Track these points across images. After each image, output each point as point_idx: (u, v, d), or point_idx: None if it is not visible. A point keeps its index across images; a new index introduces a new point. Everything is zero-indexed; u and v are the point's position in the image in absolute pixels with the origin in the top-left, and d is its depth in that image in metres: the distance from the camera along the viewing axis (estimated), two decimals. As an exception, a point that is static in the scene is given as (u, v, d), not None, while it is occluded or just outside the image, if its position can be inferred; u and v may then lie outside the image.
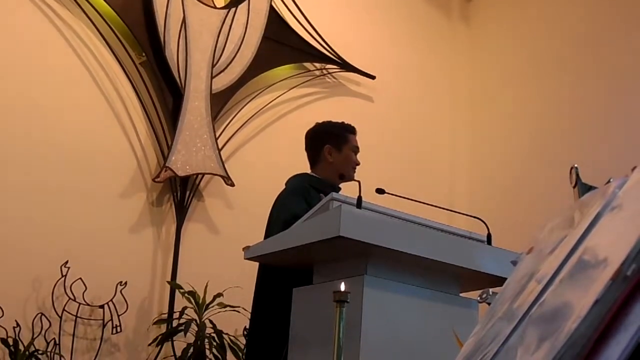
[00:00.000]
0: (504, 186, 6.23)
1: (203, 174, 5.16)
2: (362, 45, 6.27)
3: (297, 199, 3.59)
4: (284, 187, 3.79)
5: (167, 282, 4.90)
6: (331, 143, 3.82)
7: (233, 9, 5.48)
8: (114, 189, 4.94)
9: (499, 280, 3.14)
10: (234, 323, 4.80)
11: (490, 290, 2.56)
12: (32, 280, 4.54)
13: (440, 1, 6.95)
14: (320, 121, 3.98)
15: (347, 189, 3.66)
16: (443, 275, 3.22)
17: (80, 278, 4.59)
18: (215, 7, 5.44)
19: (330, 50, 5.94)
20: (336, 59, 5.98)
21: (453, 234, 3.32)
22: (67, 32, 4.94)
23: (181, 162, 5.00)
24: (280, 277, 3.39)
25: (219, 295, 4.70)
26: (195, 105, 5.14)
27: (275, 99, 5.68)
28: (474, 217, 3.50)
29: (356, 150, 3.85)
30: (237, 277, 4.55)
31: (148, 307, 4.92)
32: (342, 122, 3.93)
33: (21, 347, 4.23)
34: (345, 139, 3.84)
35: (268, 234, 3.54)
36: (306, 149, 3.90)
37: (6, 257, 4.45)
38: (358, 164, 3.84)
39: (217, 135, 5.20)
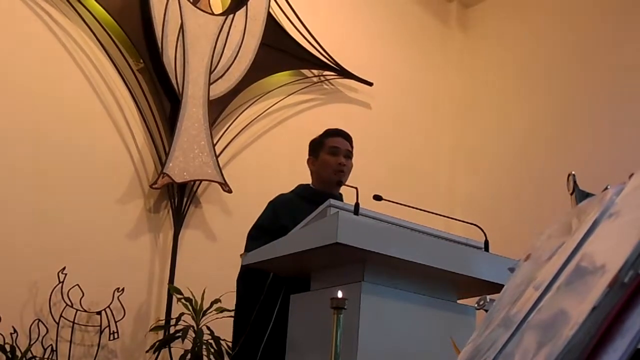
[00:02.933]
0: (501, 193, 6.24)
1: (200, 181, 5.16)
2: (360, 52, 6.28)
3: (264, 213, 3.70)
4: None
5: (168, 284, 4.89)
6: (311, 154, 3.84)
7: (231, 16, 5.49)
8: (112, 195, 4.94)
9: (497, 287, 3.14)
10: (232, 329, 4.79)
11: (488, 297, 2.56)
12: (29, 286, 4.53)
13: (438, 9, 6.97)
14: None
15: (346, 196, 3.67)
16: (440, 282, 3.22)
17: (78, 284, 4.58)
18: (213, 14, 5.45)
19: (328, 57, 5.95)
20: (334, 66, 5.99)
21: (450, 241, 3.32)
22: (64, 38, 4.95)
23: (179, 169, 5.00)
24: (277, 284, 3.39)
25: (217, 301, 4.69)
26: (193, 111, 5.15)
27: (272, 106, 5.68)
28: (472, 224, 3.50)
29: (334, 151, 3.75)
30: (234, 284, 4.53)
31: (145, 313, 4.92)
32: (325, 130, 3.91)
33: (18, 354, 4.23)
34: (321, 144, 3.80)
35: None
36: None
37: (4, 263, 4.44)
38: (340, 163, 3.73)
39: (214, 142, 5.20)
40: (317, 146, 3.81)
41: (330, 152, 3.75)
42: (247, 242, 3.58)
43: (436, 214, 3.69)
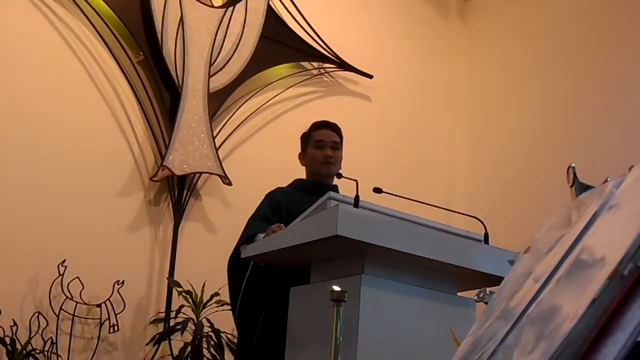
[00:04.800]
0: (501, 185, 6.23)
1: (200, 173, 5.16)
2: (360, 44, 6.27)
3: (260, 204, 3.70)
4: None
5: (167, 278, 4.90)
6: (301, 148, 3.86)
7: (231, 8, 5.48)
8: (112, 187, 4.94)
9: (496, 280, 3.14)
10: (232, 322, 4.77)
11: (488, 289, 2.56)
12: (29, 279, 4.53)
13: (438, 0, 6.95)
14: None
15: (345, 189, 3.66)
16: (440, 275, 3.22)
17: (78, 277, 4.58)
18: (212, 6, 5.44)
19: (328, 50, 5.94)
20: (334, 58, 5.98)
21: (450, 233, 3.32)
22: (64, 31, 4.94)
23: (179, 161, 5.00)
24: (277, 276, 3.39)
25: (216, 294, 4.69)
26: (193, 104, 5.14)
27: (272, 98, 5.68)
28: (472, 216, 3.50)
29: (320, 144, 3.75)
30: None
31: (145, 306, 4.92)
32: (312, 123, 3.90)
33: (18, 346, 4.23)
34: (309, 138, 3.81)
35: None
36: None
37: (3, 256, 4.44)
38: (327, 155, 3.73)
39: (214, 134, 5.20)
40: (305, 141, 3.83)
41: (316, 145, 3.76)
42: (242, 233, 3.59)
43: (436, 206, 3.69)
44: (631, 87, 5.59)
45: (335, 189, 3.70)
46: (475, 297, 2.61)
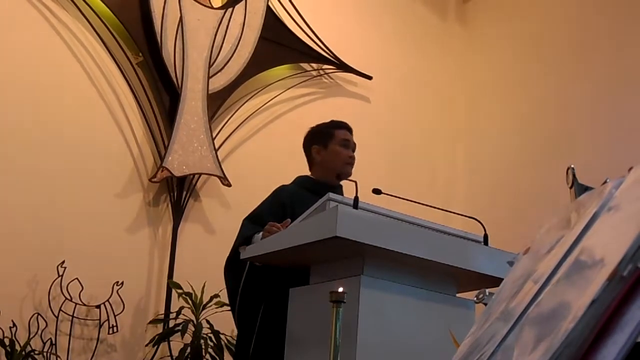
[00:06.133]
0: (500, 186, 6.24)
1: (200, 174, 5.16)
2: (359, 45, 6.27)
3: (262, 204, 3.67)
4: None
5: (168, 280, 4.89)
6: (317, 142, 3.78)
7: (230, 9, 5.48)
8: (111, 189, 4.94)
9: (496, 281, 3.14)
10: (231, 323, 4.75)
11: (487, 290, 2.56)
12: (28, 280, 4.53)
13: (437, 3, 6.96)
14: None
15: (345, 189, 3.67)
16: (440, 276, 3.22)
17: (77, 278, 4.58)
18: (212, 7, 5.44)
19: (327, 51, 5.94)
20: (333, 60, 5.98)
21: (449, 235, 3.32)
22: (64, 32, 4.94)
23: (178, 162, 5.00)
24: (276, 277, 3.39)
25: (216, 295, 4.69)
26: (192, 105, 5.14)
27: (272, 99, 5.68)
28: (471, 217, 3.50)
29: (346, 143, 3.75)
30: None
31: (145, 307, 4.92)
32: (331, 120, 3.88)
33: (17, 347, 4.23)
34: (331, 135, 3.76)
35: None
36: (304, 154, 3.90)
37: (3, 257, 4.44)
38: (351, 156, 3.74)
39: (213, 136, 5.20)
40: (325, 136, 3.77)
41: (342, 144, 3.74)
42: (237, 234, 3.59)
43: (435, 207, 3.69)
44: (632, 87, 5.59)
45: (340, 189, 3.70)
46: (475, 299, 2.62)
